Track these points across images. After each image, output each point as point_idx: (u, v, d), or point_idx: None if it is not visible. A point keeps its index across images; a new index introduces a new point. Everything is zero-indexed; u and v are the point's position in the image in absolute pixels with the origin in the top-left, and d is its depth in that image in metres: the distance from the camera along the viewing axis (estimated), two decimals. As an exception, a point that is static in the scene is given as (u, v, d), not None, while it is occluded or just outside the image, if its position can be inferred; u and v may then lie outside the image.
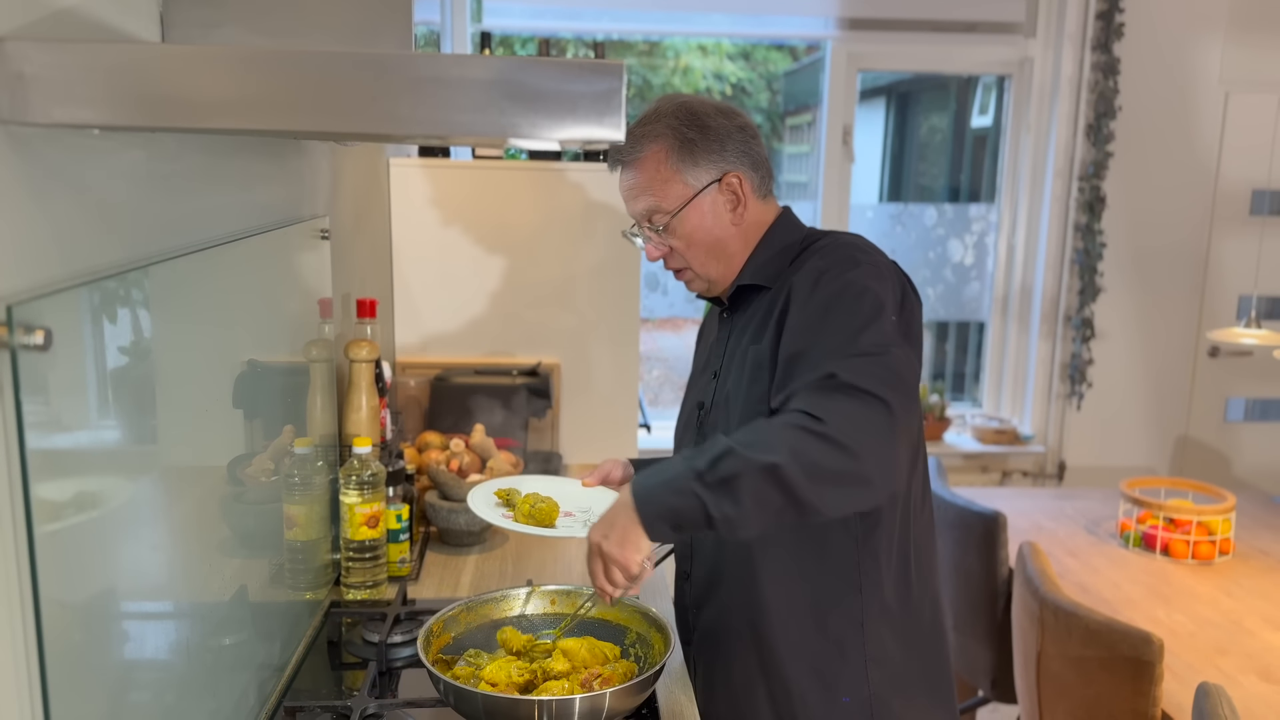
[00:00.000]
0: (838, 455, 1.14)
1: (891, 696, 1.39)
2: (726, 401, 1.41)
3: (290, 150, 1.59)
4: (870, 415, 1.17)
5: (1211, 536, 2.61)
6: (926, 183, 4.27)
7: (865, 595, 1.37)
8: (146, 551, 0.99)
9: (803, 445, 1.14)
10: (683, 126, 1.39)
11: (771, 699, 1.41)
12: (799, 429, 1.15)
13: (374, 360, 1.84)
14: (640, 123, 1.42)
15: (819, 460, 1.14)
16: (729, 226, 1.42)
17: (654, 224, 1.42)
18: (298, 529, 1.53)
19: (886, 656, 1.39)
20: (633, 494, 1.20)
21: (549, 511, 1.42)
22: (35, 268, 0.80)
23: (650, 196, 1.40)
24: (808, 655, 1.39)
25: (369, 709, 1.32)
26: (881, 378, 1.19)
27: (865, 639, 1.38)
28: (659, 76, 4.19)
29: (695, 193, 1.39)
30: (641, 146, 1.40)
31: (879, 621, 1.38)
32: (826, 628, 1.38)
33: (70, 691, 0.82)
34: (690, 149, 1.38)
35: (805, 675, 1.39)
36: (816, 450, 1.14)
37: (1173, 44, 3.72)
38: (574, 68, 0.76)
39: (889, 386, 1.19)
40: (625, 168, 1.43)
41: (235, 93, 0.75)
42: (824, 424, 1.14)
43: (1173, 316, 3.94)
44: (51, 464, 0.80)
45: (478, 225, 2.58)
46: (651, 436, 3.02)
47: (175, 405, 1.04)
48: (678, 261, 1.45)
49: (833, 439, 1.14)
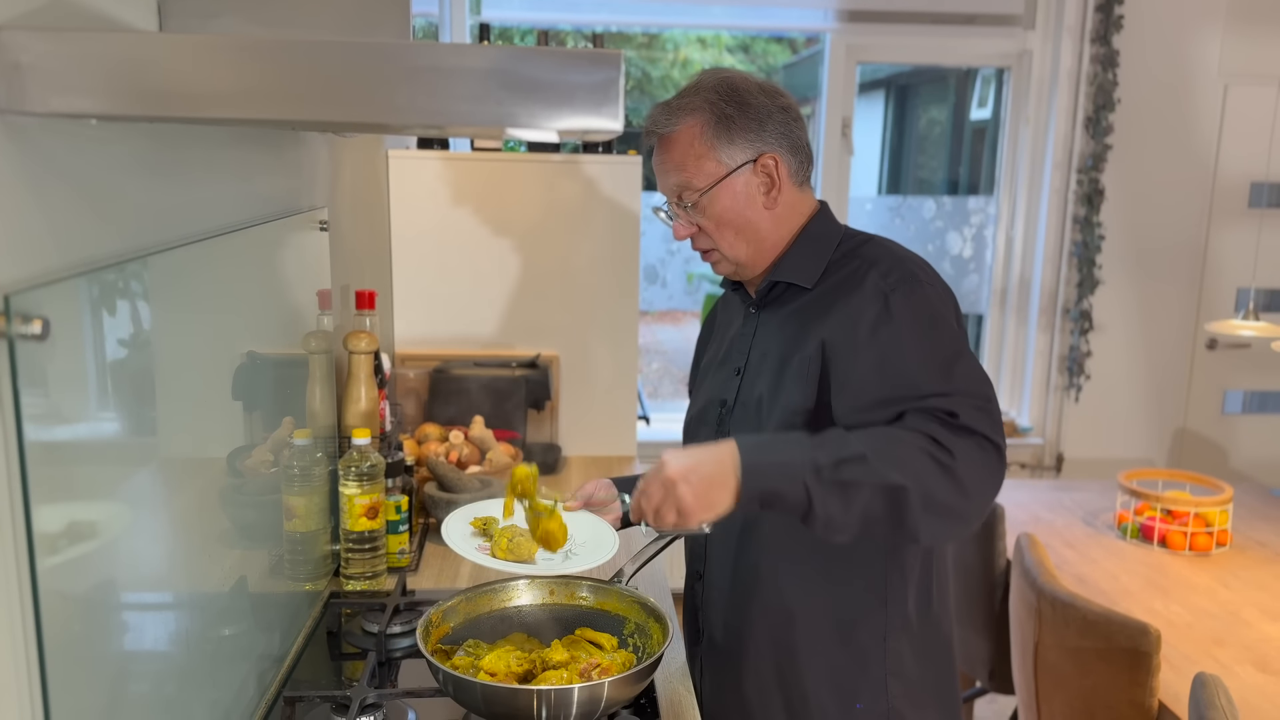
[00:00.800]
0: (958, 496, 1.15)
1: (907, 709, 1.38)
2: (758, 404, 1.37)
3: (289, 141, 1.58)
4: (989, 462, 1.18)
5: (1209, 528, 2.62)
6: (925, 175, 4.27)
7: (890, 609, 1.35)
8: (146, 543, 0.99)
9: (930, 477, 1.14)
10: (721, 102, 1.33)
11: (788, 708, 1.39)
12: (931, 459, 1.14)
13: (373, 352, 1.84)
14: (679, 95, 1.36)
15: (939, 496, 1.14)
16: (761, 210, 1.37)
17: (683, 201, 1.36)
18: (297, 520, 1.53)
19: (904, 670, 1.37)
20: (741, 459, 1.15)
21: (529, 546, 1.37)
22: (32, 257, 0.79)
23: (682, 172, 1.35)
24: (828, 667, 1.37)
25: (368, 699, 1.32)
26: (995, 422, 1.20)
27: (886, 653, 1.36)
28: (658, 69, 4.18)
29: (728, 171, 1.34)
30: (677, 120, 1.34)
31: (900, 636, 1.36)
32: (850, 641, 1.36)
33: (70, 682, 0.82)
34: (727, 125, 1.33)
35: (824, 686, 1.37)
36: (941, 486, 1.14)
37: (1172, 36, 3.71)
38: (572, 58, 0.75)
39: (999, 431, 1.20)
40: (659, 140, 1.37)
41: (233, 83, 0.75)
42: (955, 461, 1.14)
43: (1171, 309, 3.94)
44: (50, 455, 0.80)
45: (477, 217, 2.57)
46: (650, 429, 3.03)
47: (174, 396, 1.04)
48: (705, 242, 1.40)
49: (959, 479, 1.14)
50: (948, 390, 1.21)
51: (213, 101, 0.75)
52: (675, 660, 1.50)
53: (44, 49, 0.73)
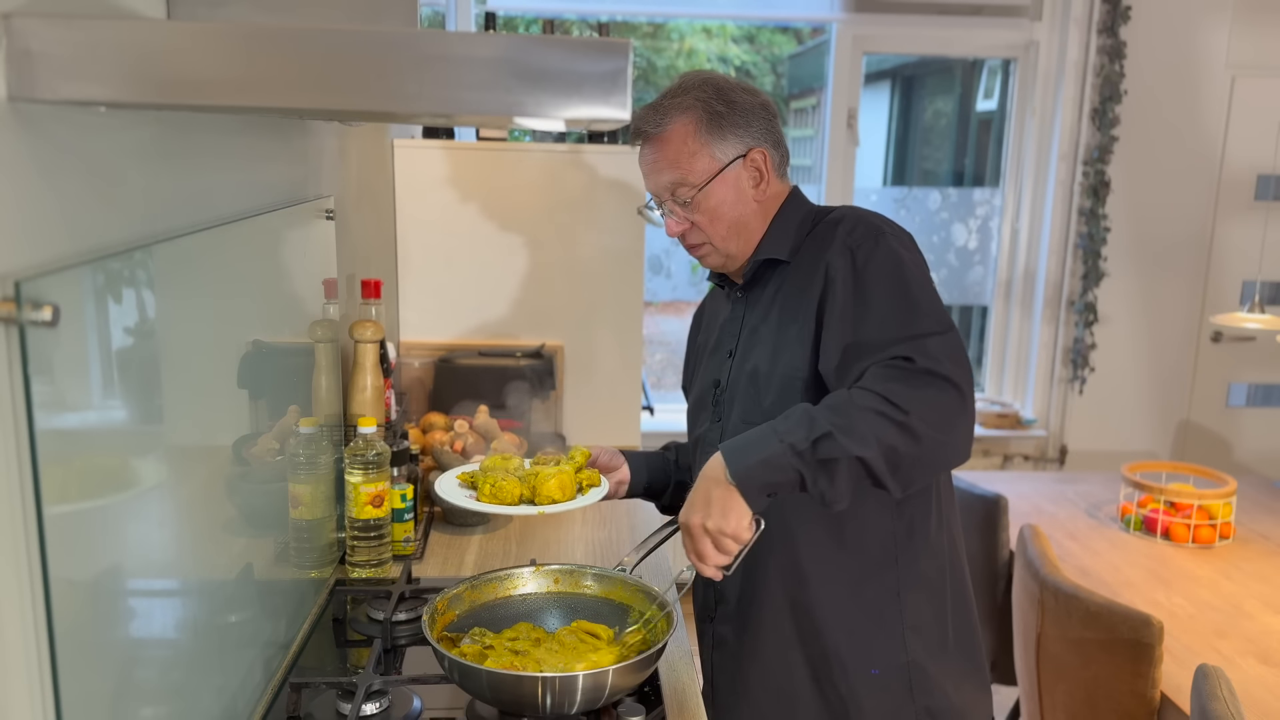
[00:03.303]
0: (918, 447, 1.18)
1: (928, 662, 1.41)
2: (752, 378, 1.41)
3: (296, 130, 1.58)
4: (947, 402, 1.21)
5: (1212, 520, 2.62)
6: (931, 166, 4.26)
7: (901, 567, 1.39)
8: (153, 530, 1.00)
9: (890, 436, 1.17)
10: (711, 100, 1.38)
11: (810, 665, 1.42)
12: (884, 418, 1.18)
13: (378, 341, 1.85)
14: (667, 95, 1.41)
15: (902, 450, 1.18)
16: (751, 202, 1.42)
17: (678, 197, 1.41)
18: (303, 508, 1.54)
19: (923, 623, 1.41)
20: (729, 472, 1.21)
21: (511, 491, 1.45)
22: (42, 244, 0.80)
23: (676, 169, 1.39)
24: (846, 624, 1.40)
25: (374, 685, 1.33)
26: (952, 358, 1.23)
27: (903, 607, 1.39)
28: (663, 59, 4.17)
29: (722, 166, 1.39)
30: (669, 119, 1.39)
31: (916, 590, 1.40)
32: (863, 598, 1.40)
33: (79, 668, 0.83)
34: (718, 123, 1.38)
35: (844, 643, 1.40)
36: (902, 443, 1.18)
37: (1179, 28, 3.70)
38: (580, 46, 0.75)
39: (958, 365, 1.23)
40: (649, 140, 1.41)
41: (241, 70, 0.75)
42: (908, 415, 1.18)
43: (1176, 301, 3.93)
44: (59, 442, 0.80)
45: (482, 207, 2.57)
46: (654, 419, 3.03)
47: (181, 384, 1.05)
48: (697, 237, 1.44)
49: (915, 432, 1.18)
50: (907, 335, 1.24)
51: (221, 89, 0.75)
52: (679, 649, 1.51)
53: (54, 36, 0.73)
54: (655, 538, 1.44)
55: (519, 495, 1.45)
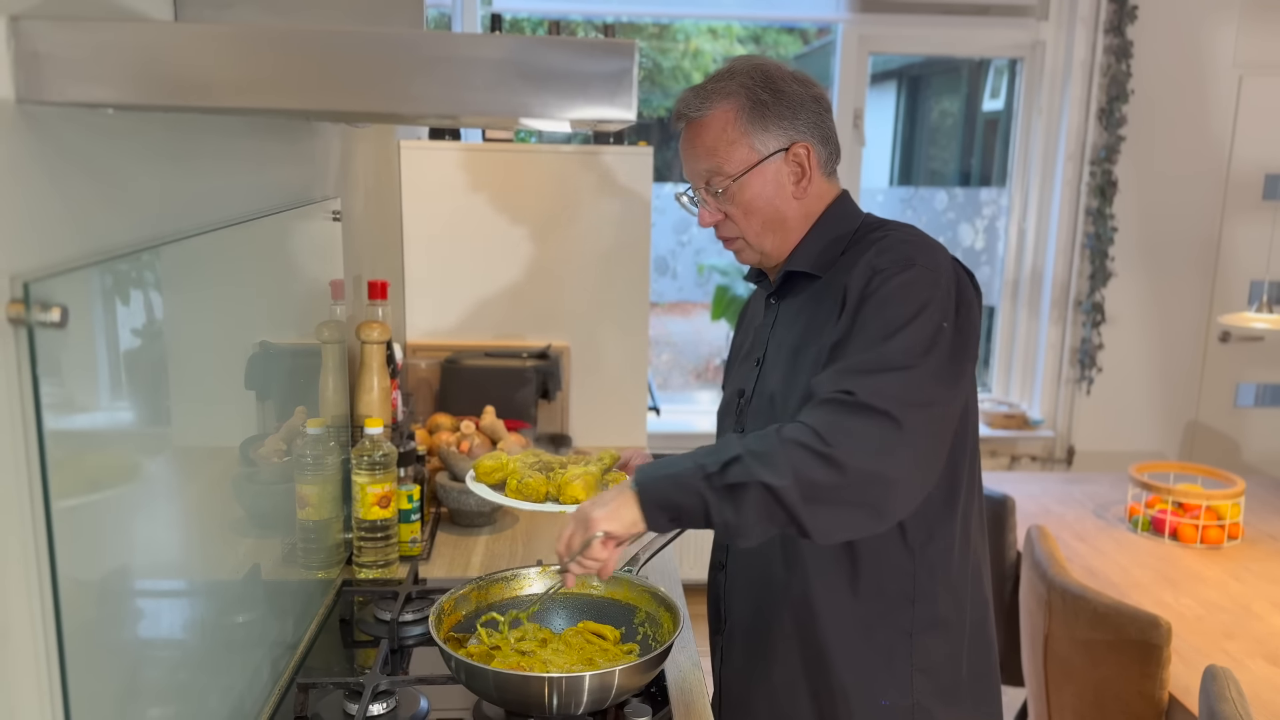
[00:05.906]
0: (846, 478, 1.11)
1: (935, 705, 1.35)
2: (772, 395, 1.36)
3: (302, 131, 1.59)
4: (881, 436, 1.13)
5: (1220, 521, 2.61)
6: (937, 166, 4.26)
7: (918, 608, 1.33)
8: (161, 531, 1.00)
9: (805, 467, 1.11)
10: (757, 87, 1.31)
11: (815, 698, 1.38)
12: (803, 448, 1.11)
13: (385, 342, 1.85)
14: (712, 79, 1.34)
15: (820, 482, 1.11)
16: (790, 199, 1.34)
17: (712, 187, 1.34)
18: (310, 509, 1.54)
19: (934, 665, 1.35)
20: (636, 480, 1.17)
21: (538, 489, 1.43)
22: (51, 246, 0.80)
23: (713, 157, 1.32)
24: (855, 661, 1.35)
25: (381, 686, 1.33)
26: (900, 396, 1.14)
27: (913, 649, 1.34)
28: (669, 60, 4.17)
29: (761, 159, 1.31)
30: (711, 104, 1.31)
31: (930, 630, 1.34)
32: (873, 638, 1.34)
33: (87, 668, 0.83)
34: (762, 112, 1.31)
35: (850, 680, 1.35)
36: (819, 473, 1.11)
37: (1186, 27, 3.69)
38: (586, 47, 0.76)
39: (907, 405, 1.14)
40: (689, 125, 1.34)
41: (248, 72, 0.75)
42: (830, 446, 1.11)
43: (1184, 301, 3.92)
44: (68, 443, 0.80)
45: (488, 208, 2.58)
46: (660, 420, 3.03)
47: (188, 385, 1.05)
48: (730, 230, 1.37)
49: (839, 463, 1.11)
50: (862, 369, 1.17)
51: (228, 91, 0.75)
52: (685, 649, 1.51)
53: (61, 38, 0.73)
54: (662, 539, 1.44)
55: (545, 493, 1.43)
